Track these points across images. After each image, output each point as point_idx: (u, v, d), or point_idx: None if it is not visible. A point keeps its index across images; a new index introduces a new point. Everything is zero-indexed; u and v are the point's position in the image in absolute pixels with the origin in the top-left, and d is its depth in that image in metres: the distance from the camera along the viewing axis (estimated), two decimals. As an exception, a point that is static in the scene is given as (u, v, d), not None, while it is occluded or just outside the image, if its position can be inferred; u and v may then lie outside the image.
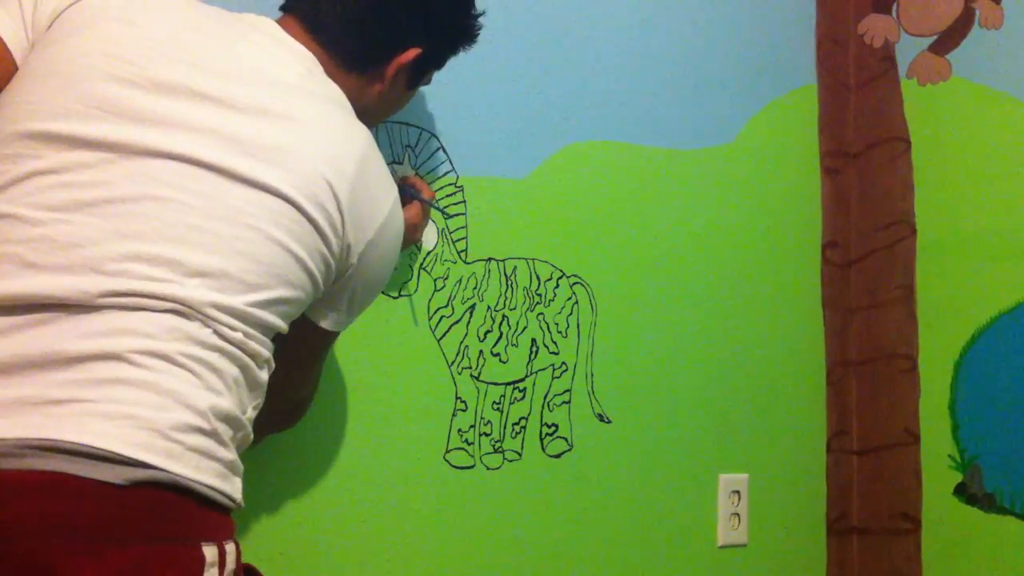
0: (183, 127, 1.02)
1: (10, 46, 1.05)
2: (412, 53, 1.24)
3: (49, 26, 1.06)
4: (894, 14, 2.10)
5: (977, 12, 2.00)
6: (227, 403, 1.00)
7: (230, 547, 0.99)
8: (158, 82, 1.03)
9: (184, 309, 0.97)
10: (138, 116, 1.01)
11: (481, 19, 1.34)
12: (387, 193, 1.17)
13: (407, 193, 1.45)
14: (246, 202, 1.03)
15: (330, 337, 1.24)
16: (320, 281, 1.10)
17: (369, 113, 1.25)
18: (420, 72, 1.30)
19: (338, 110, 1.15)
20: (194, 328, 0.98)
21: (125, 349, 0.94)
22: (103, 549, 0.89)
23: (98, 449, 0.90)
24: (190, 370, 0.97)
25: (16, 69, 1.05)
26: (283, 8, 1.23)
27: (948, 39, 2.03)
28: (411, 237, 1.45)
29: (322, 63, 1.18)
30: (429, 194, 1.49)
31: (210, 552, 0.95)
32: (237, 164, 1.03)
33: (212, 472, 0.97)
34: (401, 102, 1.34)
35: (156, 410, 0.93)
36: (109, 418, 0.92)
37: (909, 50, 2.07)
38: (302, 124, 1.09)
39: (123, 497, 0.90)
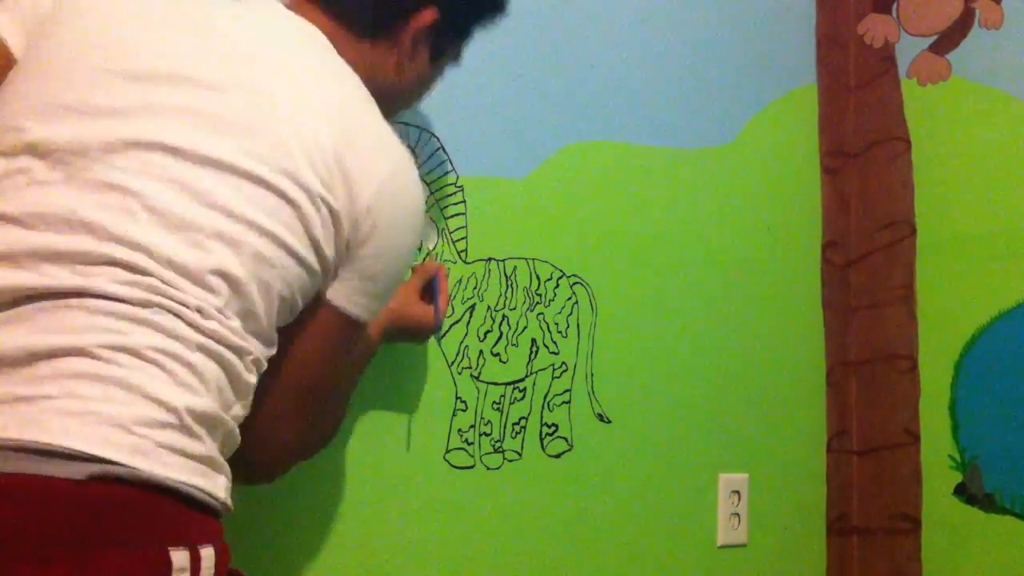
0: (157, 113, 0.99)
1: (11, 46, 1.03)
2: (428, 16, 1.16)
3: (49, 19, 1.04)
4: (894, 14, 2.10)
5: (977, 12, 1.99)
6: (204, 400, 0.95)
7: (207, 551, 0.91)
8: (133, 71, 1.00)
9: (160, 302, 0.94)
10: (109, 110, 0.99)
11: None
12: (385, 158, 1.09)
13: (427, 291, 1.46)
14: (223, 187, 0.99)
15: (351, 328, 1.12)
16: (314, 264, 1.05)
17: (391, 93, 1.18)
18: (442, 41, 1.21)
19: (333, 80, 1.10)
20: (167, 321, 0.94)
21: (91, 344, 0.90)
22: (51, 555, 0.83)
23: (52, 446, 0.85)
24: (160, 365, 0.92)
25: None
26: None
27: (948, 39, 2.03)
28: (411, 328, 1.42)
29: (330, 34, 1.13)
30: (444, 302, 1.45)
31: (179, 557, 0.88)
32: (208, 148, 0.99)
33: (185, 468, 0.91)
34: (427, 79, 1.25)
35: (120, 405, 0.89)
36: (69, 414, 0.87)
37: (909, 50, 2.07)
38: (275, 96, 1.04)
39: (76, 497, 0.85)
